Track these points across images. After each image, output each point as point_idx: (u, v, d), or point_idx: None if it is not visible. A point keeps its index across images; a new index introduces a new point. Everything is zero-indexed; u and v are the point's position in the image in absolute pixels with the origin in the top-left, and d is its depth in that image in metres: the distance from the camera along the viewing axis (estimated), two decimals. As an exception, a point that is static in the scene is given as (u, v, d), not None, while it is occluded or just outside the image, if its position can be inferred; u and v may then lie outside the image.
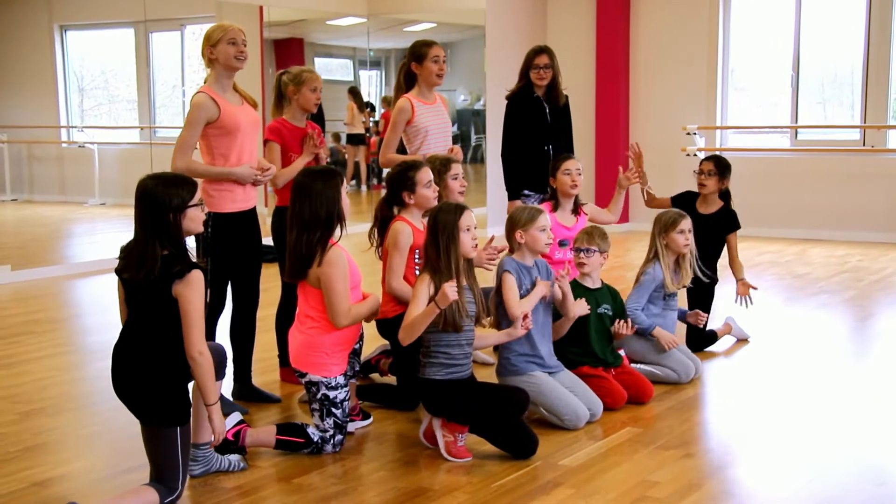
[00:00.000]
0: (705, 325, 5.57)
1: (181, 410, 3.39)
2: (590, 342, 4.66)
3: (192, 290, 3.30)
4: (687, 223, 5.13)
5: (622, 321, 4.69)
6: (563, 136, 6.01)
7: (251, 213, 4.62)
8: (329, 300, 3.90)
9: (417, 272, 4.36)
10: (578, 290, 4.64)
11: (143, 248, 3.31)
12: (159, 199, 3.33)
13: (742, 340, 5.89)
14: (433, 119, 5.30)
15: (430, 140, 5.26)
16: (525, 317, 4.14)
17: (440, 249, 3.89)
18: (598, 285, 4.78)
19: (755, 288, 5.79)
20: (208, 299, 3.52)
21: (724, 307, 6.20)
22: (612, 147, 10.85)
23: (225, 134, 4.42)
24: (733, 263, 5.80)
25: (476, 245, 4.00)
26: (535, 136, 5.91)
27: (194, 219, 3.41)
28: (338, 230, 3.95)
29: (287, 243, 4.01)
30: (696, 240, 5.59)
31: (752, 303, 5.78)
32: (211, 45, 4.43)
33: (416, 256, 4.42)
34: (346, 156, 13.17)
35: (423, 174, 4.43)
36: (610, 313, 4.75)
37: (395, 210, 4.54)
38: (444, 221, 3.91)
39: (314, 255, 3.90)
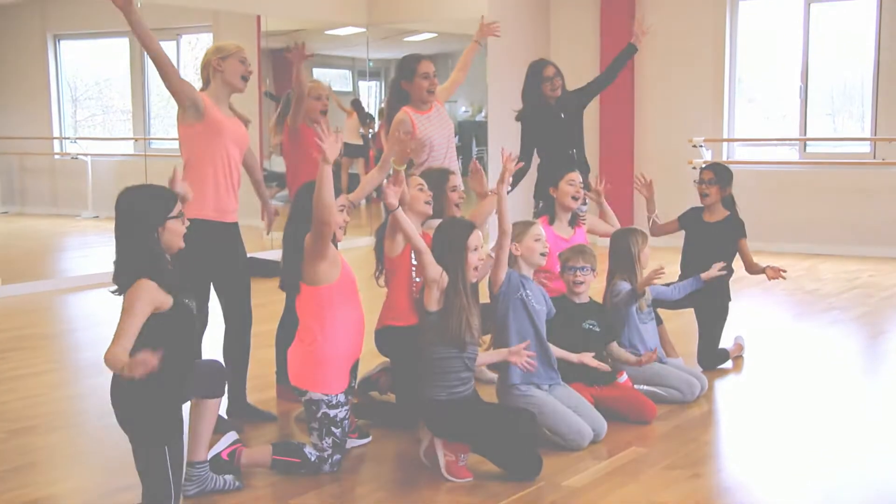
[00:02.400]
0: (728, 273, 5.31)
1: (168, 428, 3.32)
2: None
3: (130, 296, 3.18)
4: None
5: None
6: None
7: (230, 229, 4.46)
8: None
9: (416, 284, 4.30)
10: (568, 305, 4.62)
11: (122, 264, 3.25)
12: (136, 213, 3.26)
13: (739, 357, 5.77)
14: (434, 129, 5.26)
15: (435, 153, 5.21)
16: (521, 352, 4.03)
17: (446, 265, 3.90)
18: (584, 300, 4.72)
19: (785, 270, 5.50)
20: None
21: (735, 327, 6.01)
22: (617, 160, 10.67)
23: (205, 133, 4.34)
24: (753, 266, 5.57)
25: (478, 267, 3.98)
26: (560, 146, 5.96)
27: (175, 231, 3.34)
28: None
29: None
30: (705, 251, 5.49)
31: (784, 278, 5.50)
32: (221, 56, 4.39)
33: (413, 267, 4.34)
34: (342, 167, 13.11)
35: (412, 179, 4.43)
36: (597, 329, 4.67)
37: None
38: (452, 238, 3.92)
39: (300, 275, 3.86)
